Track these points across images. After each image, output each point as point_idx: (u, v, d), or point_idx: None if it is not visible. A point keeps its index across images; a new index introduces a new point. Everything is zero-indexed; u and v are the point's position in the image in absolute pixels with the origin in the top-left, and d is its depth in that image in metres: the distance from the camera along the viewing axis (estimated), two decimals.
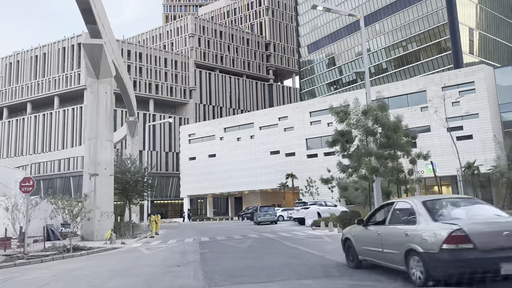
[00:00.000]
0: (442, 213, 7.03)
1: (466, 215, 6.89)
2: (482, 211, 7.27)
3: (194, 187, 66.68)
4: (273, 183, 57.88)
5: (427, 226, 6.70)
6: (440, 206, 7.33)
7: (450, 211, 7.14)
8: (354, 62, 67.58)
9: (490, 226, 6.41)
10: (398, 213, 7.88)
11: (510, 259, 5.92)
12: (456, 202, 7.70)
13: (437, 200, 7.67)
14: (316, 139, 55.54)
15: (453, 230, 6.13)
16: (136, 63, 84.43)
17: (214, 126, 65.37)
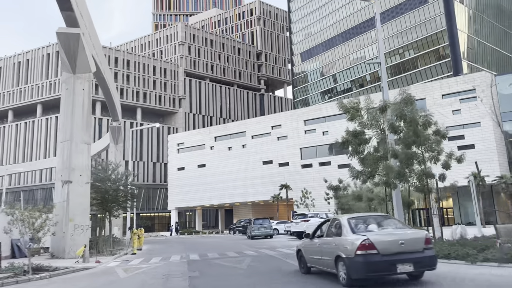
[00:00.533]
0: (359, 227, 8.89)
1: (376, 229, 8.78)
2: (389, 225, 9.17)
3: (183, 199, 63.25)
4: (266, 194, 54.88)
5: (348, 237, 8.60)
6: (359, 222, 9.17)
7: (366, 225, 8.96)
8: (349, 70, 65.63)
9: (390, 237, 8.41)
10: (332, 228, 9.67)
11: (403, 261, 8.05)
12: (372, 218, 9.49)
13: (358, 217, 9.54)
14: (311, 149, 52.89)
15: (363, 240, 8.09)
16: (123, 70, 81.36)
17: (204, 135, 62.39)
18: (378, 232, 8.59)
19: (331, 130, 51.16)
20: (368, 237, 8.12)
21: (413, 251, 8.14)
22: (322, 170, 51.40)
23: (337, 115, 51.13)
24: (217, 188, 59.56)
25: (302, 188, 50.83)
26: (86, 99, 22.66)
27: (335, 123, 50.96)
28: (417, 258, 8.10)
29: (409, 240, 8.24)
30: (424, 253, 8.23)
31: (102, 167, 25.77)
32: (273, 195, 51.41)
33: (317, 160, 52.07)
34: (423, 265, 8.24)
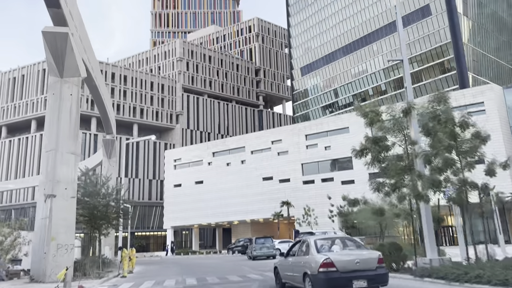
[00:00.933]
0: (324, 248, 10.41)
1: (338, 249, 10.33)
2: (349, 246, 10.73)
3: (179, 217, 60.63)
4: (266, 212, 52.46)
5: (313, 256, 10.07)
6: (324, 243, 10.67)
7: (330, 246, 10.51)
8: (351, 84, 64.16)
9: (348, 256, 9.83)
10: (303, 247, 11.10)
11: (358, 278, 9.40)
12: (336, 239, 11.01)
13: (323, 239, 11.08)
14: (312, 164, 50.79)
15: (325, 259, 9.56)
16: (120, 86, 79.72)
17: (202, 150, 60.26)
18: (338, 252, 10.00)
19: (334, 145, 49.22)
20: (329, 257, 9.48)
21: (367, 269, 9.42)
22: (324, 186, 49.23)
23: (340, 129, 49.32)
24: (214, 206, 57.11)
25: (304, 205, 48.52)
26: (74, 105, 20.64)
27: (338, 137, 49.03)
28: (371, 275, 9.35)
29: (364, 259, 9.56)
30: (376, 271, 9.48)
31: (91, 181, 23.50)
32: (274, 212, 49.02)
33: (319, 176, 49.94)
34: (376, 281, 9.45)
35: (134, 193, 78.22)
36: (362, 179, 46.34)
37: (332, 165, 49.39)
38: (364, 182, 46.59)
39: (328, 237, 11.15)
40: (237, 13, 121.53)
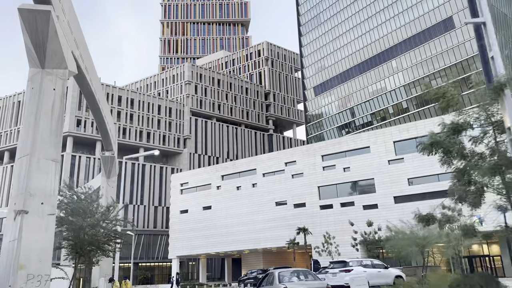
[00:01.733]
0: (284, 279, 13.67)
1: (296, 280, 13.65)
2: (306, 278, 14.04)
3: (185, 246, 55.87)
4: (280, 240, 47.67)
5: (275, 286, 13.42)
6: (285, 274, 14.10)
7: (290, 277, 13.78)
8: (369, 102, 60.46)
9: (302, 286, 13.38)
10: (270, 278, 14.42)
11: None
12: (295, 272, 14.70)
13: (285, 271, 14.76)
14: (330, 187, 46.36)
15: (283, 287, 12.99)
16: (127, 109, 76.92)
17: (211, 173, 56.19)
18: (296, 282, 13.48)
19: (354, 166, 44.96)
20: (287, 286, 12.94)
21: None
22: (344, 211, 44.60)
23: (360, 149, 45.14)
24: (223, 233, 52.43)
25: (321, 232, 43.80)
26: (58, 102, 16.87)
27: (358, 158, 44.82)
28: None
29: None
30: None
31: (77, 196, 19.42)
32: (289, 240, 44.22)
33: (338, 200, 45.42)
34: None
35: (139, 221, 73.82)
36: (386, 203, 41.77)
37: (352, 188, 44.94)
38: (388, 206, 42.05)
39: (290, 270, 14.67)
40: (246, 39, 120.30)
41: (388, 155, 42.94)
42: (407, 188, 41.37)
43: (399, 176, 41.94)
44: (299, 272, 13.99)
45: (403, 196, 41.51)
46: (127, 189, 73.44)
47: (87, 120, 72.16)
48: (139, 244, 73.35)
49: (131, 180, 74.54)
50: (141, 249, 73.51)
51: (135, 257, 72.84)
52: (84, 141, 72.49)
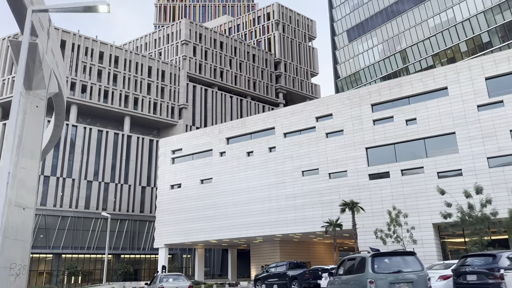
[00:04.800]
0: (163, 280, 17.72)
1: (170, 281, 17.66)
2: (177, 279, 18.12)
3: (176, 232, 41.45)
4: (308, 223, 33.40)
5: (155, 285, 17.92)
6: (164, 277, 18.28)
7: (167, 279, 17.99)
8: (429, 41, 45.81)
9: (172, 284, 17.17)
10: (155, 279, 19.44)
11: None
12: (171, 275, 18.76)
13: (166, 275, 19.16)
14: (385, 149, 32.01)
15: (159, 286, 17.19)
16: (110, 68, 62.23)
17: (212, 135, 41.68)
18: (170, 282, 17.41)
19: (422, 116, 30.63)
20: (163, 285, 16.98)
21: None
22: (407, 182, 30.29)
23: (432, 91, 30.54)
24: (228, 215, 38.06)
25: (371, 211, 29.52)
26: None
27: (429, 104, 30.49)
28: None
29: (180, 286, 17.08)
30: None
31: None
32: (327, 221, 29.79)
33: (397, 166, 31.06)
34: None
35: (122, 204, 59.36)
36: (475, 167, 27.34)
37: (420, 148, 30.60)
38: (480, 172, 27.36)
39: (168, 274, 20.19)
40: (252, 7, 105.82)
41: (478, 98, 28.70)
42: (510, 145, 27.17)
43: (496, 128, 27.70)
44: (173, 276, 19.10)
45: (502, 156, 27.29)
46: (107, 164, 58.98)
47: None
48: (121, 232, 58.85)
49: (113, 154, 60.02)
50: (124, 238, 59.02)
51: (116, 247, 58.50)
52: None
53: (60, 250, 53.44)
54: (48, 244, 52.99)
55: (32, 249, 51.57)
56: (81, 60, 59.81)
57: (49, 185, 53.99)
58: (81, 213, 55.69)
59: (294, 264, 23.20)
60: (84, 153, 57.56)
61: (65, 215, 54.54)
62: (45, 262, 53.95)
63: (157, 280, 17.87)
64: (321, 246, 44.03)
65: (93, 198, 56.93)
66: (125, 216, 59.57)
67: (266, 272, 24.31)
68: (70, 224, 54.52)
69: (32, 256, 55.51)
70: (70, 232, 54.48)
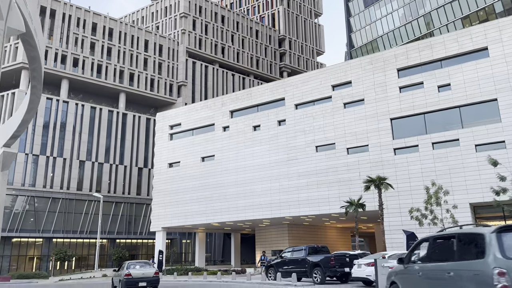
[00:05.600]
0: (130, 266, 18.59)
1: (137, 267, 18.62)
2: (144, 266, 19.05)
3: (175, 214, 37.54)
4: (322, 203, 29.50)
5: (123, 271, 18.93)
6: (131, 264, 19.02)
7: (134, 266, 18.75)
8: (455, 3, 41.32)
9: (138, 271, 18.19)
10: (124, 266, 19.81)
11: (142, 281, 17.98)
12: (138, 262, 19.57)
13: (133, 262, 19.57)
14: (412, 119, 27.94)
15: (127, 272, 18.10)
16: (103, 41, 57.65)
17: (214, 108, 37.49)
18: (137, 269, 18.27)
19: (457, 81, 26.46)
20: (130, 271, 17.92)
21: (147, 277, 18.05)
22: (439, 156, 26.28)
23: (469, 53, 26.38)
24: (232, 195, 34.13)
25: (397, 188, 25.60)
26: None
27: (465, 67, 26.28)
28: (149, 279, 18.04)
29: (146, 272, 18.21)
30: (153, 278, 18.14)
31: None
32: (348, 201, 25.84)
33: (427, 138, 27.02)
34: (151, 283, 18.10)
35: (117, 186, 55.42)
36: None
37: (454, 117, 26.52)
38: None
39: (135, 261, 19.90)
40: None
41: None
42: None
43: None
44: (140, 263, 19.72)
45: None
46: (101, 144, 54.86)
47: (49, 50, 52.92)
48: (116, 215, 55.02)
49: (107, 132, 55.86)
50: (119, 221, 55.24)
51: (111, 231, 54.79)
52: (46, 76, 53.28)
53: (50, 234, 49.65)
54: (38, 228, 49.16)
55: (21, 233, 47.78)
56: (73, 31, 55.22)
57: (39, 165, 49.94)
58: (73, 195, 51.76)
59: (314, 249, 19.33)
60: (76, 131, 53.39)
61: (56, 197, 50.60)
62: (35, 247, 50.22)
63: (124, 267, 18.73)
64: (332, 231, 40.30)
65: (86, 179, 52.94)
66: (121, 198, 55.70)
67: (280, 258, 20.42)
68: (62, 207, 50.63)
69: (20, 240, 51.89)
70: (62, 215, 50.63)
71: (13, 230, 46.77)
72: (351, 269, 18.07)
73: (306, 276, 18.78)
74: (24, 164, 49.21)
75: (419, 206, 22.06)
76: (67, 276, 37.42)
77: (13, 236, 47.30)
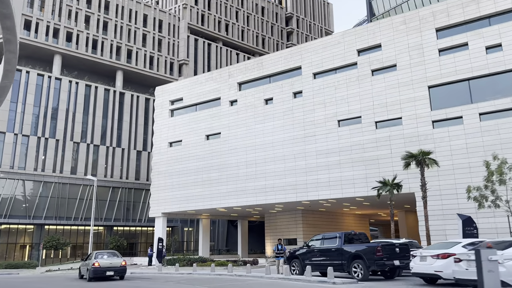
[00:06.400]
0: (98, 256, 19.42)
1: (105, 257, 19.43)
2: (111, 256, 19.75)
3: (176, 198, 33.48)
4: (348, 185, 25.41)
5: (91, 260, 19.86)
6: (99, 254, 19.93)
7: (102, 256, 19.53)
8: None
9: (105, 261, 19.05)
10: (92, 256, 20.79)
11: (109, 270, 18.93)
12: (105, 253, 20.30)
13: (100, 252, 20.50)
14: (455, 87, 23.67)
15: (95, 262, 18.94)
16: (99, 14, 53.08)
17: (220, 81, 33.19)
18: (104, 259, 19.06)
19: (509, 40, 22.10)
20: (98, 261, 18.70)
21: (115, 267, 18.86)
22: (488, 128, 22.07)
23: None
24: (240, 177, 30.03)
25: (438, 167, 21.45)
26: None
27: None
28: (116, 269, 18.87)
29: (114, 262, 18.96)
30: (120, 267, 18.94)
31: None
32: (381, 180, 21.74)
33: (474, 108, 22.78)
34: (118, 273, 19.00)
35: (114, 170, 51.35)
36: None
37: (506, 83, 22.24)
38: None
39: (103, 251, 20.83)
40: None
41: None
42: None
43: None
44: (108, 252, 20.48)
45: None
46: (96, 124, 50.68)
47: (40, 23, 48.47)
48: (113, 201, 51.07)
49: (103, 112, 51.64)
50: (116, 208, 51.33)
51: (108, 218, 50.96)
52: (37, 51, 49.01)
53: (42, 220, 45.73)
54: (29, 214, 45.23)
55: (10, 219, 43.26)
56: (66, 3, 50.65)
57: (29, 146, 45.78)
58: (67, 179, 47.73)
59: (350, 236, 15.33)
60: (70, 111, 49.17)
61: (48, 181, 46.58)
62: (25, 234, 46.38)
63: (92, 257, 19.44)
64: (350, 218, 36.31)
65: (80, 162, 48.85)
66: (118, 183, 51.70)
67: (306, 247, 16.41)
68: (54, 192, 46.63)
69: (9, 227, 48.13)
70: (54, 200, 46.65)
71: (2, 216, 42.86)
72: (401, 262, 14.08)
73: (342, 270, 14.77)
74: (13, 145, 45.06)
75: (463, 187, 17.98)
76: (55, 267, 33.56)
77: (2, 223, 43.41)
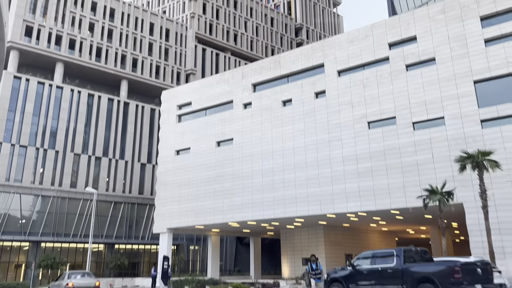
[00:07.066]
0: (71, 277, 20.15)
1: (78, 278, 20.03)
2: (85, 277, 20.35)
3: (183, 212, 29.99)
4: (382, 195, 21.91)
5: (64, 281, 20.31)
6: (72, 274, 20.72)
7: (75, 276, 19.94)
8: None
9: (80, 281, 19.71)
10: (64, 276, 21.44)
11: None
12: (79, 273, 20.76)
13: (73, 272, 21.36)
14: (507, 80, 20.42)
15: (68, 282, 19.26)
16: (104, 21, 50.86)
17: (233, 82, 30.14)
18: (78, 279, 19.33)
19: None
20: (72, 281, 18.62)
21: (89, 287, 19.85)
22: None
23: None
24: (255, 188, 26.59)
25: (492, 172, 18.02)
26: None
27: None
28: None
29: (88, 283, 19.17)
30: None
31: None
32: (428, 188, 18.26)
33: None
34: None
35: (117, 183, 48.01)
36: None
37: None
38: None
39: (76, 271, 21.86)
40: None
41: None
42: None
43: None
44: (82, 273, 21.01)
45: None
46: (99, 135, 47.67)
47: (42, 29, 46.18)
48: (115, 217, 47.46)
49: (106, 123, 48.69)
50: (118, 224, 47.70)
51: (109, 235, 47.35)
52: (38, 58, 46.54)
53: (38, 237, 42.14)
54: (24, 230, 41.70)
55: (4, 235, 39.31)
56: (70, 9, 48.44)
57: (26, 157, 42.64)
58: (66, 193, 44.35)
59: (411, 254, 11.87)
60: (71, 121, 46.28)
61: (46, 195, 43.22)
62: (20, 252, 42.78)
63: (65, 277, 19.38)
64: (375, 235, 32.59)
65: (81, 175, 45.56)
66: (120, 198, 48.29)
67: (351, 267, 12.92)
68: (52, 206, 43.19)
69: (2, 244, 44.57)
70: (52, 216, 43.15)
71: None
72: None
73: None
74: (9, 156, 41.95)
75: None
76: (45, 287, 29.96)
77: None
